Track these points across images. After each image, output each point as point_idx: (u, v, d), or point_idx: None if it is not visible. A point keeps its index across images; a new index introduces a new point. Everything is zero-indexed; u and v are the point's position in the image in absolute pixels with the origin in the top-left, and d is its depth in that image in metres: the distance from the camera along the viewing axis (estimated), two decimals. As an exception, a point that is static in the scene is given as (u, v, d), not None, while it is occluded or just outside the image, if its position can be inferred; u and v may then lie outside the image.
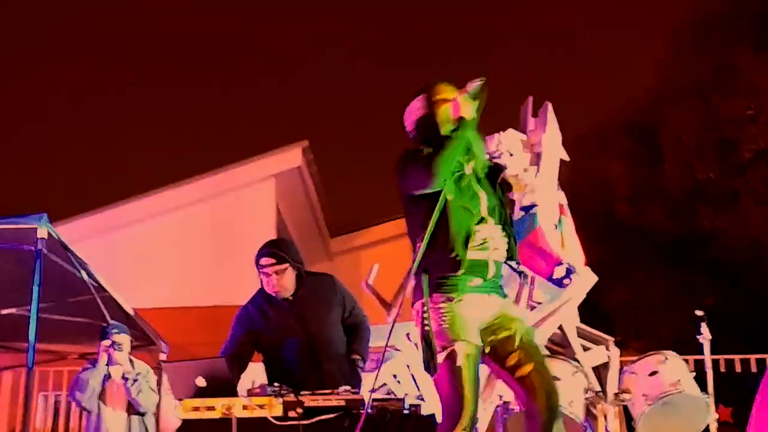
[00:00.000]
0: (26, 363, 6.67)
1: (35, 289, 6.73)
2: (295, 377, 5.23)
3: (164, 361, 8.54)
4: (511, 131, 7.22)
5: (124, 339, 7.73)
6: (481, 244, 4.15)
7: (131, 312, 8.57)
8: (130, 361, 7.77)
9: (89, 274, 7.71)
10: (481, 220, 4.21)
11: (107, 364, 7.67)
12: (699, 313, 6.44)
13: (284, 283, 5.43)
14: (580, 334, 6.86)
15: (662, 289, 14.87)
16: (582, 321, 6.97)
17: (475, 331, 4.04)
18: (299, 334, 5.37)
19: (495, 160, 7.37)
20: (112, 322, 7.88)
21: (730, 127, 13.84)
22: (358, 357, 5.47)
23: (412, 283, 6.15)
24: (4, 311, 8.77)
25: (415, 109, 4.45)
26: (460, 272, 4.06)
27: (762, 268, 14.01)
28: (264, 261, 5.44)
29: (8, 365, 10.50)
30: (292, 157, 14.00)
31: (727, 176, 13.99)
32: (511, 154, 7.18)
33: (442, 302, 4.06)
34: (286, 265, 5.42)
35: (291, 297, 5.47)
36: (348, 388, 4.89)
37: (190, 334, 12.03)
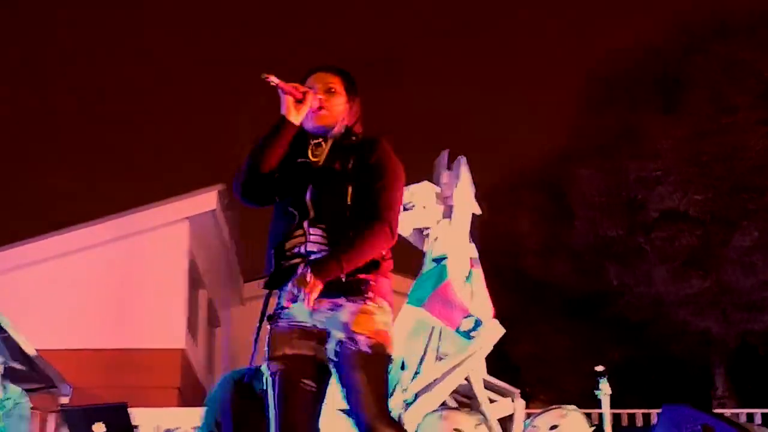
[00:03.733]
0: None
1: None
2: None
3: (63, 405, 8.33)
4: (424, 183, 7.34)
5: None
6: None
7: (33, 353, 8.38)
8: (3, 386, 6.88)
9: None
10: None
11: None
12: (599, 368, 6.58)
13: None
14: (487, 386, 6.94)
15: (568, 342, 15.11)
16: (489, 373, 7.05)
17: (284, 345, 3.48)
18: None
19: (407, 211, 7.53)
20: None
21: (638, 187, 14.23)
22: None
23: None
24: None
25: None
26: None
27: (664, 324, 14.36)
28: None
29: None
30: (207, 200, 13.92)
31: (633, 234, 14.35)
32: (424, 207, 7.32)
33: None
34: None
35: None
36: None
37: (94, 377, 11.80)
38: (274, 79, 3.51)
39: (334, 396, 3.71)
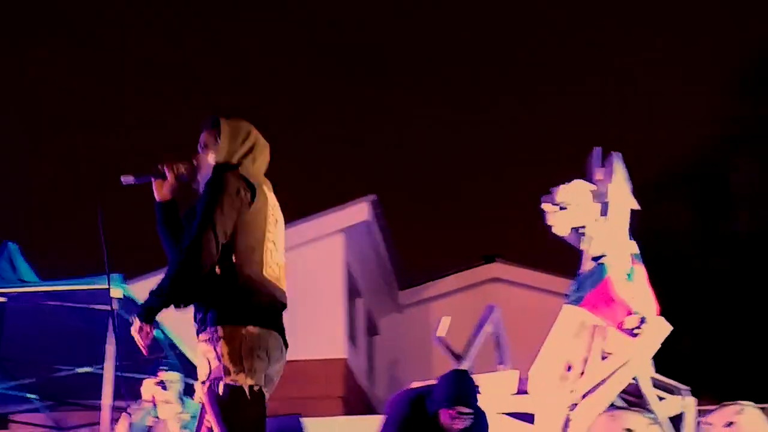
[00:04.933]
0: (101, 421, 6.74)
1: (108, 348, 6.83)
2: None
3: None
4: (577, 182, 7.21)
5: (174, 377, 7.02)
6: None
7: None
8: (182, 400, 7.01)
9: (163, 333, 7.80)
10: None
11: (153, 404, 6.95)
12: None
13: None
14: (655, 384, 6.76)
15: (737, 336, 14.61)
16: (657, 371, 6.88)
17: None
18: None
19: (563, 211, 7.41)
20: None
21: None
22: None
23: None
24: (80, 370, 8.91)
25: None
26: None
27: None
28: (464, 410, 5.32)
29: (83, 423, 10.61)
30: (360, 212, 14.10)
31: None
32: (578, 205, 7.19)
33: None
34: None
35: None
36: None
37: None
38: (128, 180, 3.65)
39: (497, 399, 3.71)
